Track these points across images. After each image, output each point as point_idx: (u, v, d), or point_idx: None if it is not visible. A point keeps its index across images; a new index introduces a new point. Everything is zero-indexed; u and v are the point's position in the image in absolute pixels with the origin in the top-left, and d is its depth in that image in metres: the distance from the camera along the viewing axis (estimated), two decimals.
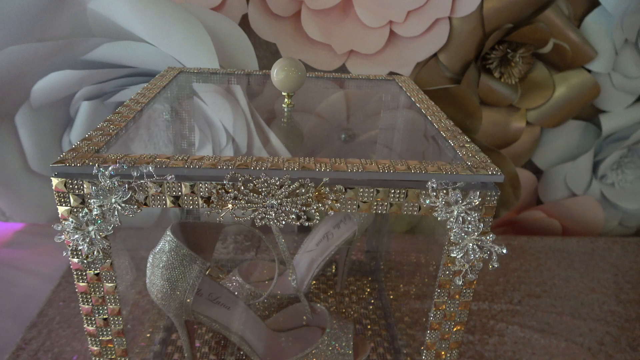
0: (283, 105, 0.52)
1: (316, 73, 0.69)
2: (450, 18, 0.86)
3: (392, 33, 0.88)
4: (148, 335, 0.66)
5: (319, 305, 0.63)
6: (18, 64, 0.77)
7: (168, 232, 0.51)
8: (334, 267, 0.82)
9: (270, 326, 0.62)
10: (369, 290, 0.79)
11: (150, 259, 0.52)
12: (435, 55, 0.90)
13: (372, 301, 0.76)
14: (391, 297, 0.76)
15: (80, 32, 0.79)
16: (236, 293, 0.66)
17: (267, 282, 0.71)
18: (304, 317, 0.64)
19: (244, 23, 0.84)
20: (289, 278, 0.61)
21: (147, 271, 0.52)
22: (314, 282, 0.78)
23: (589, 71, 0.93)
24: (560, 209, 1.07)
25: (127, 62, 0.81)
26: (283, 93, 0.52)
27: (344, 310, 0.73)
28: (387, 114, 0.58)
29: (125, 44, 0.78)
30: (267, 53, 0.88)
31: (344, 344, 0.58)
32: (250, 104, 0.85)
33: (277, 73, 0.50)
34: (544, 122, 0.98)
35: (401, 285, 0.79)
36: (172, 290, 0.50)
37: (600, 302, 0.82)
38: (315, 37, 0.86)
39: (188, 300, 0.51)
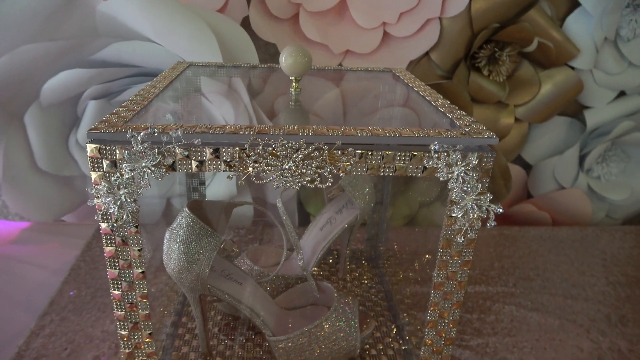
0: (291, 89, 0.56)
1: (317, 65, 0.73)
2: (440, 18, 0.91)
3: (385, 33, 0.93)
4: (160, 318, 0.68)
5: (325, 283, 0.66)
6: (30, 63, 0.80)
7: (185, 209, 0.54)
8: (335, 255, 0.85)
9: (279, 304, 0.65)
10: (370, 276, 0.82)
11: (167, 235, 0.54)
12: (427, 54, 0.94)
13: (374, 285, 0.79)
14: (392, 282, 0.79)
15: (88, 33, 0.82)
16: None
17: (273, 265, 0.73)
18: (311, 302, 0.67)
19: (245, 25, 0.88)
20: (297, 258, 0.64)
21: (164, 247, 0.55)
22: (316, 268, 0.81)
23: (573, 68, 0.98)
24: (550, 202, 1.12)
25: (135, 62, 0.84)
26: (291, 78, 0.56)
27: None
28: (389, 97, 0.62)
29: (133, 44, 0.82)
30: (266, 55, 0.93)
31: (349, 318, 0.60)
32: (253, 100, 0.89)
33: (286, 59, 0.54)
34: (532, 118, 1.03)
35: (400, 272, 0.82)
36: (188, 264, 0.53)
37: (591, 284, 0.86)
38: (313, 37, 0.91)
39: (204, 274, 0.53)
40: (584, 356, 0.69)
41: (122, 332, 0.48)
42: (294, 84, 0.56)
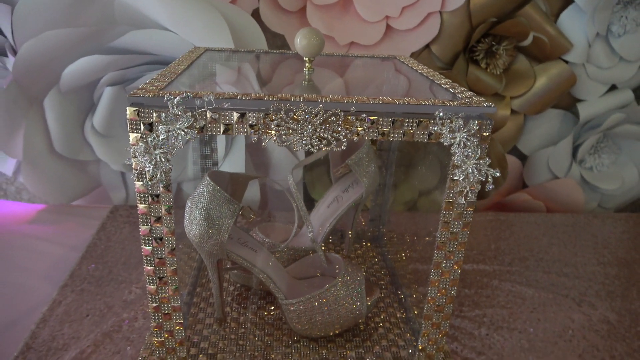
0: (304, 69, 0.60)
1: (326, 52, 0.77)
2: (440, 12, 0.96)
3: (388, 26, 0.97)
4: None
5: (333, 254, 0.70)
6: (52, 48, 0.84)
7: (206, 178, 0.58)
8: (340, 235, 0.89)
9: (289, 274, 0.69)
10: (373, 254, 0.86)
11: (189, 203, 0.59)
12: (427, 46, 0.99)
13: (377, 262, 0.83)
14: (394, 260, 0.83)
15: (106, 21, 0.86)
16: None
17: (283, 240, 0.77)
18: (319, 273, 0.71)
19: (255, 17, 0.93)
20: (307, 230, 0.68)
21: (186, 214, 0.59)
22: (323, 245, 0.85)
23: (566, 62, 1.03)
24: (544, 191, 1.16)
25: (151, 49, 0.89)
26: (305, 58, 0.60)
27: None
28: (395, 77, 0.66)
29: (150, 32, 0.86)
30: (274, 47, 0.97)
31: (357, 285, 0.65)
32: (263, 88, 0.93)
33: (300, 40, 0.58)
34: (527, 110, 1.08)
35: (402, 252, 0.86)
36: (209, 229, 0.57)
37: (582, 263, 0.90)
38: (319, 29, 0.95)
39: (223, 238, 0.57)
40: (576, 326, 0.73)
41: (151, 287, 0.52)
42: (307, 64, 0.60)
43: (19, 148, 0.92)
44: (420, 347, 0.58)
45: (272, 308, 0.70)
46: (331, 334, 0.64)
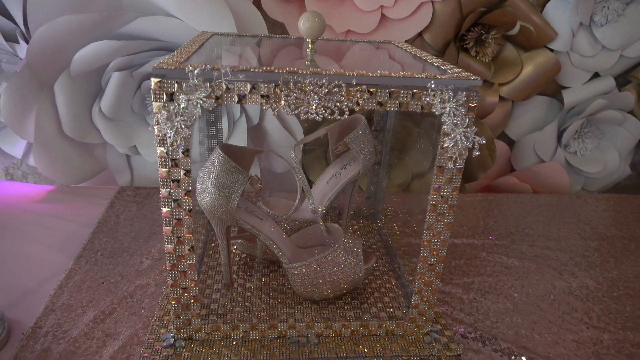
0: (307, 50, 0.65)
1: (325, 37, 0.82)
2: (432, 2, 1.01)
3: (383, 15, 1.03)
4: None
5: (333, 224, 0.75)
6: (65, 33, 0.88)
7: (217, 150, 0.63)
8: (337, 212, 0.94)
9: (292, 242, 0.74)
10: (369, 229, 0.91)
11: (200, 174, 0.63)
12: (420, 34, 1.04)
13: (373, 236, 0.89)
14: (389, 234, 0.88)
15: (114, 8, 0.90)
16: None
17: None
18: (320, 246, 0.76)
19: (257, 5, 0.97)
20: (309, 202, 0.73)
21: (198, 184, 0.64)
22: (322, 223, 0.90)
23: (552, 50, 1.09)
24: (531, 175, 1.22)
25: (158, 36, 0.93)
26: (307, 40, 0.65)
27: None
28: (392, 57, 0.71)
29: (157, 19, 0.90)
30: (273, 34, 1.02)
31: (355, 252, 0.70)
32: None
33: (304, 23, 0.63)
34: (515, 96, 1.13)
35: (396, 227, 0.91)
36: (219, 197, 0.62)
37: (565, 238, 0.96)
38: None
39: (233, 205, 0.62)
40: (557, 292, 0.79)
41: (169, 246, 0.56)
42: (310, 45, 0.65)
43: (31, 130, 0.96)
44: (413, 304, 0.63)
45: (276, 276, 0.75)
46: (332, 296, 0.69)
